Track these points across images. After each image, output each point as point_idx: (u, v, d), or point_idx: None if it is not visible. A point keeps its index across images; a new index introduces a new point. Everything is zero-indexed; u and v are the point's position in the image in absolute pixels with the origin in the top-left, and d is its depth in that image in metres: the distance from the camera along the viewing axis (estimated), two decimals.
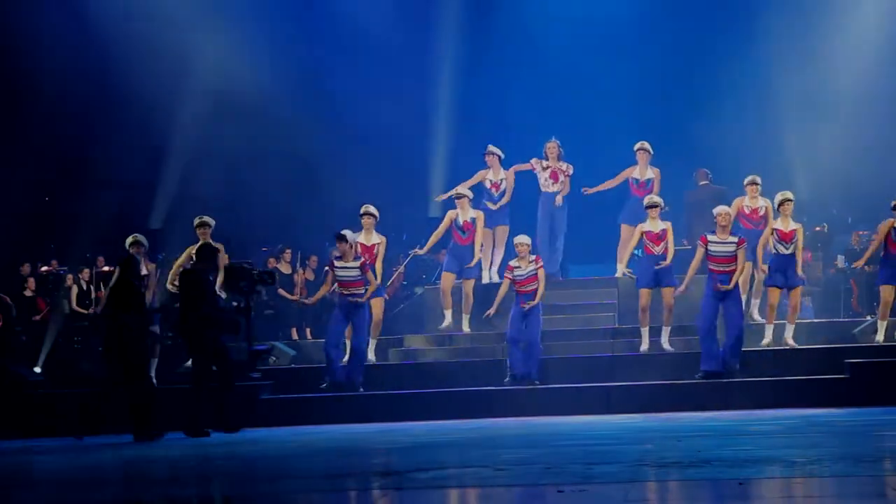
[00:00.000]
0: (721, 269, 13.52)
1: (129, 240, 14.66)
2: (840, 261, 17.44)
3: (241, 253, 16.35)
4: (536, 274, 13.96)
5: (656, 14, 20.65)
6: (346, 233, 14.13)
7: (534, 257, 14.16)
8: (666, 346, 14.32)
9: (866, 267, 16.81)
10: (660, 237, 14.29)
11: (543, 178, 16.07)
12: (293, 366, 15.47)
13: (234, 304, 13.42)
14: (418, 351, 15.36)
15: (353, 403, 13.90)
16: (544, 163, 16.06)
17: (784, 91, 19.94)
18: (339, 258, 14.09)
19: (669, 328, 14.31)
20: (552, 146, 16.06)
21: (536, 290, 13.95)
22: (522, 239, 14.21)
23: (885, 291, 14.27)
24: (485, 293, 15.32)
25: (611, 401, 13.49)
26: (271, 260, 17.50)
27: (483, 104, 20.50)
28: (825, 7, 20.07)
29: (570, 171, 16.10)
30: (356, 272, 14.02)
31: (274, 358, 15.54)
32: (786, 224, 14.08)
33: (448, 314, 15.37)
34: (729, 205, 14.96)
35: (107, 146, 20.37)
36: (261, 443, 11.51)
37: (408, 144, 20.75)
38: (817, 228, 18.37)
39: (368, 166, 20.42)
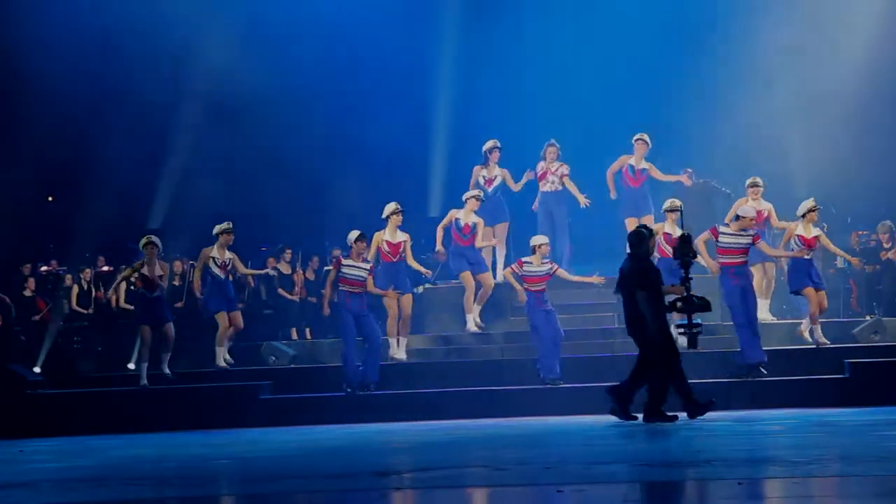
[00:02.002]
0: (736, 260, 13.50)
1: (143, 241, 14.70)
2: (840, 261, 17.42)
3: (241, 253, 16.31)
4: (549, 275, 13.91)
5: (655, 12, 20.62)
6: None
7: (548, 260, 14.08)
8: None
9: (867, 267, 16.83)
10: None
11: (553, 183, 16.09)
12: (293, 366, 15.47)
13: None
14: (419, 351, 15.35)
15: (354, 404, 13.90)
16: (540, 165, 16.06)
17: (784, 89, 19.93)
18: (348, 256, 14.10)
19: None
20: (552, 150, 16.05)
21: (544, 290, 13.91)
22: (541, 239, 14.16)
23: None
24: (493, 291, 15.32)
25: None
26: (271, 259, 17.48)
27: (482, 103, 20.48)
28: (826, 4, 20.06)
29: (566, 171, 16.05)
30: (364, 273, 14.03)
31: (274, 358, 15.55)
32: (808, 230, 14.08)
33: (470, 318, 15.31)
34: (716, 203, 14.95)
35: (107, 146, 20.34)
36: (261, 443, 11.51)
37: (407, 143, 20.73)
38: None
39: (368, 166, 20.42)
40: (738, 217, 13.59)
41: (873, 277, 16.89)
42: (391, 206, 14.74)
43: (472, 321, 15.31)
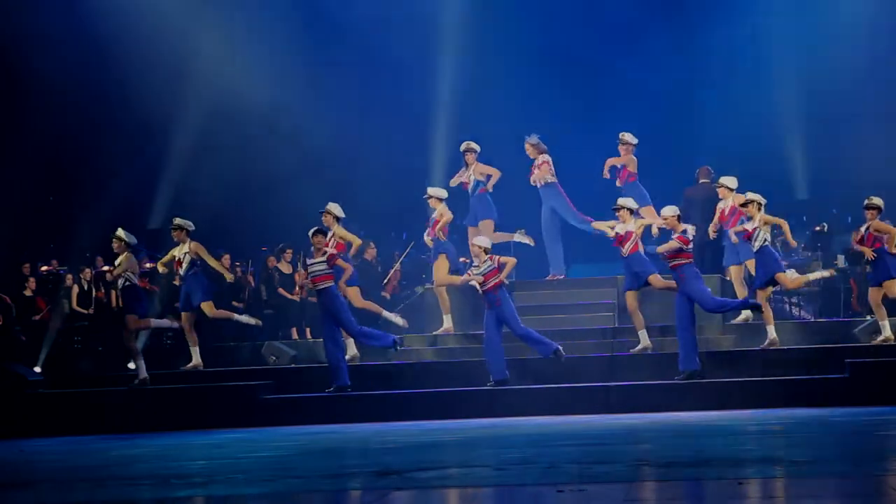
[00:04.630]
0: (676, 262, 13.51)
1: (121, 233, 14.71)
2: (840, 261, 17.41)
3: (241, 252, 16.35)
4: (494, 269, 13.77)
5: (655, 10, 20.63)
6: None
7: (487, 256, 13.87)
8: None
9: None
10: (624, 239, 14.10)
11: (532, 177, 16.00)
12: (293, 366, 15.47)
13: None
14: (417, 351, 15.35)
15: (353, 403, 13.90)
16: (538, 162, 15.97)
17: (783, 88, 19.94)
18: (312, 255, 14.21)
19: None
20: (527, 146, 15.94)
21: (494, 286, 13.75)
22: (476, 241, 14.08)
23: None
24: (473, 292, 15.33)
25: (611, 401, 13.47)
26: (271, 259, 17.49)
27: (482, 103, 20.50)
28: (825, 2, 20.09)
29: (543, 160, 15.84)
30: (322, 266, 14.03)
31: (274, 358, 15.55)
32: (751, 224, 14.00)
33: (447, 318, 15.34)
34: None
35: (107, 146, 20.37)
36: (261, 443, 11.52)
37: (408, 142, 20.76)
38: (817, 228, 18.35)
39: (369, 165, 20.42)
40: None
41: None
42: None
43: (448, 322, 15.35)
